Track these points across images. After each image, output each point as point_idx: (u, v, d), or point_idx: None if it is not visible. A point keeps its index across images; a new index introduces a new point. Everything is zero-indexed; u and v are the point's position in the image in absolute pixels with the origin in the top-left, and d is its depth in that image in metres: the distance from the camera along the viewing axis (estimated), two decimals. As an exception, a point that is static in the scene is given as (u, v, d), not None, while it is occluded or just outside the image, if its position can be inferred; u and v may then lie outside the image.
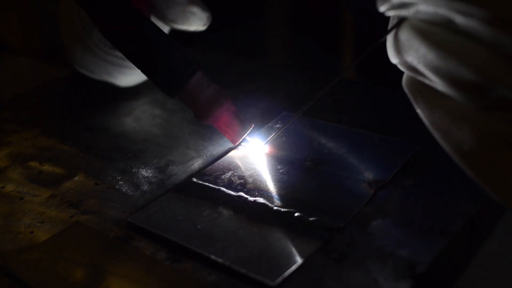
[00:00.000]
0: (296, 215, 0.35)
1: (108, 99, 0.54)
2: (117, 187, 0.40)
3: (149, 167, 0.42)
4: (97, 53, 0.49)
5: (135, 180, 0.41)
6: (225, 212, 0.36)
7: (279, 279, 0.30)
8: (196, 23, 0.48)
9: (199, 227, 0.35)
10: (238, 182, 0.39)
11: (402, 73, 0.32)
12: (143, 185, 0.40)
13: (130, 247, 0.34)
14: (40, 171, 0.43)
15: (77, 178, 0.42)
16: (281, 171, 0.40)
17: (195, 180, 0.40)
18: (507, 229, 0.37)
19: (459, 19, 0.27)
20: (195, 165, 0.42)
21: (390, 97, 0.48)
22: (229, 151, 0.43)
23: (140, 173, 0.42)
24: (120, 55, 0.48)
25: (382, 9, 0.32)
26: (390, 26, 0.32)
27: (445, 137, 0.29)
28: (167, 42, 0.39)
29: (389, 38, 0.32)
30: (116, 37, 0.40)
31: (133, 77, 0.53)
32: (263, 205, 0.36)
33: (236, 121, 0.40)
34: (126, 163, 0.43)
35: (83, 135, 0.48)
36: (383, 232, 0.33)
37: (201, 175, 0.40)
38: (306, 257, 0.31)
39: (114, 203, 0.38)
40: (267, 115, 0.48)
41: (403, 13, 0.30)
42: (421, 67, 0.29)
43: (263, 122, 0.47)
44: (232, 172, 0.40)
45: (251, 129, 0.41)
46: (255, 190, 0.38)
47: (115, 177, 0.42)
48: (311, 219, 0.34)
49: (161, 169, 0.42)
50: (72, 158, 0.45)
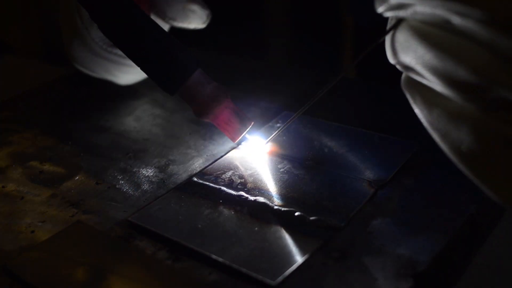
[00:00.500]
0: (296, 214, 0.35)
1: (108, 99, 0.54)
2: (117, 186, 0.40)
3: (149, 167, 0.42)
4: (96, 51, 0.49)
5: (136, 179, 0.41)
6: (226, 211, 0.36)
7: (280, 278, 0.30)
8: (196, 21, 0.48)
9: (199, 226, 0.35)
10: (238, 181, 0.39)
11: (402, 72, 0.33)
12: (143, 185, 0.40)
13: (131, 246, 0.34)
14: (40, 171, 0.43)
15: (78, 177, 0.42)
16: (281, 170, 0.40)
17: (195, 179, 0.40)
18: (507, 228, 0.37)
19: (456, 20, 0.27)
20: (196, 165, 0.42)
21: (390, 96, 0.48)
22: (229, 150, 0.43)
23: (140, 172, 0.42)
24: (120, 53, 0.48)
25: (380, 10, 0.32)
26: (388, 27, 0.32)
27: (444, 137, 0.29)
28: (167, 39, 0.39)
29: (387, 38, 0.32)
30: (116, 34, 0.40)
31: (133, 75, 0.53)
32: (264, 204, 0.36)
33: (235, 118, 0.40)
34: (126, 163, 0.43)
35: (84, 135, 0.48)
36: (383, 231, 0.33)
37: (202, 174, 0.40)
38: (306, 256, 0.31)
39: (115, 203, 0.38)
40: (267, 114, 0.48)
41: (401, 14, 0.30)
42: (419, 68, 0.29)
43: (263, 121, 0.47)
44: (232, 171, 0.40)
45: (250, 126, 0.41)
46: (255, 189, 0.38)
47: (116, 176, 0.42)
48: (312, 218, 0.34)
49: (161, 169, 0.42)
50: (72, 157, 0.45)
